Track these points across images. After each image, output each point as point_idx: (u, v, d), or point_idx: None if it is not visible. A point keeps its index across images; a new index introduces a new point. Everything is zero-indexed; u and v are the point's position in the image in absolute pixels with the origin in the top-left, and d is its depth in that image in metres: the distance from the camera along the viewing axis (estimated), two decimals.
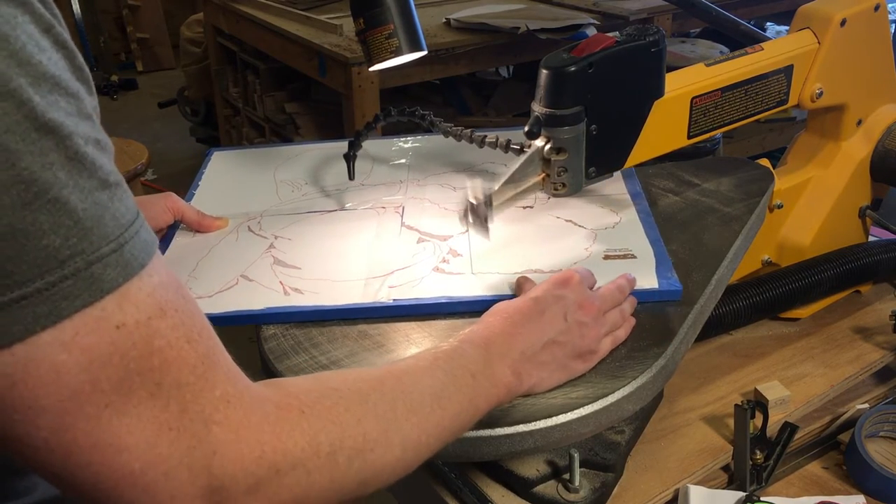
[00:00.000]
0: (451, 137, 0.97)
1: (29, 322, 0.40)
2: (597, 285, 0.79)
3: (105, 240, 0.42)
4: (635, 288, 0.80)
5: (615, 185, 1.00)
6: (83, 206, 0.41)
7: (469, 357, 0.65)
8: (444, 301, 0.81)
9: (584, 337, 0.72)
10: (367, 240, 0.94)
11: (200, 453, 0.45)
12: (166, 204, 0.96)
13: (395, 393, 0.57)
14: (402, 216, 0.99)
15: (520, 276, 0.81)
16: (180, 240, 0.97)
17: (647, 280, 0.81)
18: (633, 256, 0.86)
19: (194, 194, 1.09)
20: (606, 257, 0.86)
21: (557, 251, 0.88)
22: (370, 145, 1.19)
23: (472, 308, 0.80)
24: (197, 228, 0.98)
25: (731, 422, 0.84)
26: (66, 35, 0.44)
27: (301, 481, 0.49)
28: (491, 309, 0.73)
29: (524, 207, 0.98)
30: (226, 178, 1.14)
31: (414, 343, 0.78)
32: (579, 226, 0.93)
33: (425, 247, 0.91)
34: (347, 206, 1.03)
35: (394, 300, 0.81)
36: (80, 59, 0.45)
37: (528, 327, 0.69)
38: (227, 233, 0.98)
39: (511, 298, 0.75)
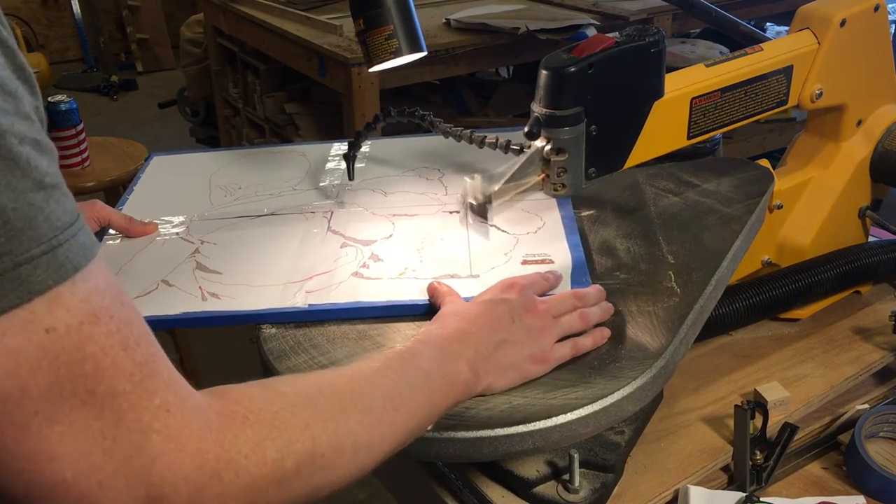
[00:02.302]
0: (450, 138, 0.97)
1: None
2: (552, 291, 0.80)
3: (36, 241, 0.41)
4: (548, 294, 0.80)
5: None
6: (13, 206, 0.40)
7: (423, 356, 0.65)
8: (357, 306, 0.82)
9: (534, 340, 0.72)
10: (292, 244, 0.94)
11: (138, 463, 0.44)
12: (91, 212, 0.96)
13: (344, 395, 0.57)
14: (329, 221, 0.99)
15: (432, 281, 0.82)
16: (107, 245, 0.97)
17: (562, 284, 0.82)
18: (551, 261, 0.86)
19: (128, 199, 1.09)
20: (524, 262, 0.86)
21: (477, 256, 0.89)
22: (313, 150, 1.21)
23: (386, 313, 0.81)
24: (125, 234, 0.98)
25: (730, 422, 0.84)
26: (7, 33, 0.43)
27: (246, 489, 0.48)
28: (443, 310, 0.74)
29: (451, 212, 0.99)
30: (162, 183, 1.14)
31: None
32: (502, 230, 0.93)
33: (348, 252, 0.92)
34: (277, 210, 1.03)
35: (309, 305, 0.82)
36: (22, 58, 0.44)
37: (480, 326, 0.70)
38: (154, 238, 0.98)
39: (426, 304, 0.78)
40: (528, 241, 0.91)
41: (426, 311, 0.81)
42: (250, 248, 0.94)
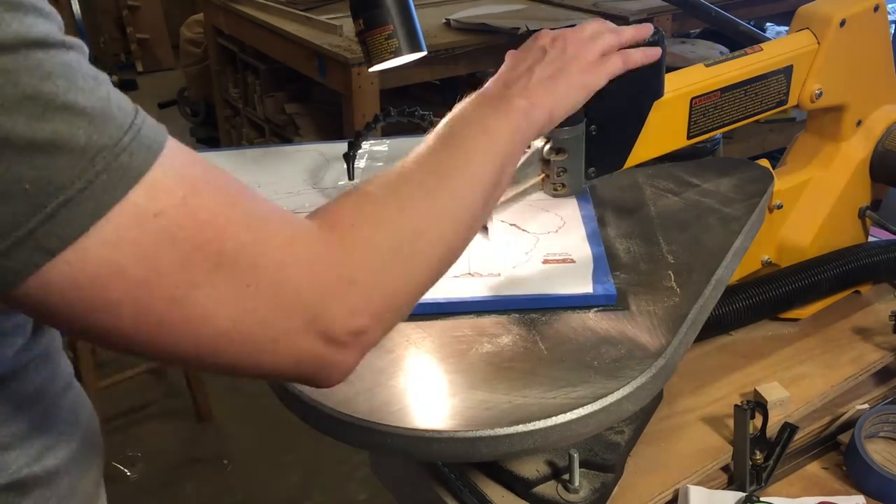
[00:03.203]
0: None
1: (81, 220, 0.41)
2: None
3: (121, 130, 0.43)
4: (570, 293, 0.81)
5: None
6: (90, 105, 0.42)
7: (470, 114, 0.67)
8: None
9: (579, 54, 0.73)
10: None
11: (285, 294, 0.48)
12: None
13: (419, 174, 0.59)
14: None
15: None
16: None
17: (583, 285, 0.82)
18: (572, 260, 0.87)
19: None
20: (545, 261, 0.87)
21: (497, 254, 0.89)
22: (329, 148, 1.21)
23: (430, 311, 0.81)
24: None
25: (730, 422, 0.84)
26: None
27: (382, 285, 0.53)
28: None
29: None
30: None
31: (413, 343, 0.78)
32: (522, 230, 0.93)
33: None
34: (297, 208, 1.02)
35: None
36: None
37: (515, 71, 0.71)
38: None
39: (450, 302, 0.79)
40: (548, 240, 0.91)
41: (447, 310, 0.81)
42: None
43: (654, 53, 0.78)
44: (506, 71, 0.72)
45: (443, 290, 0.82)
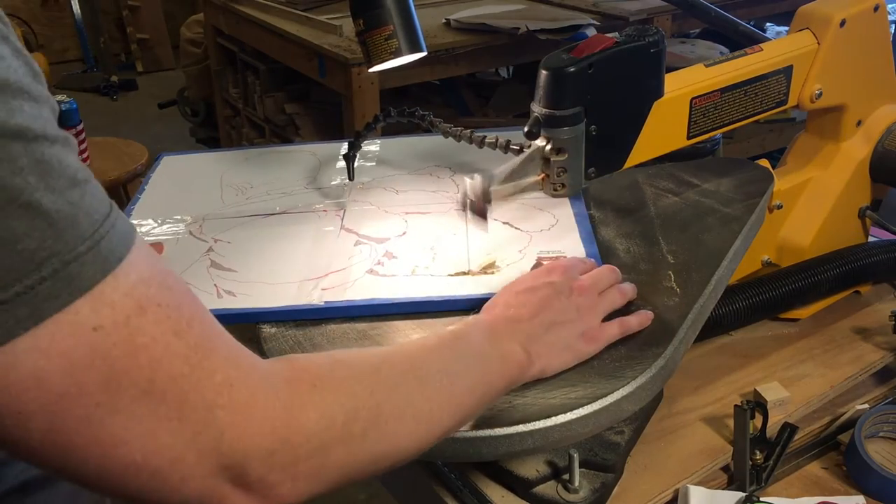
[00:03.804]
0: (450, 138, 0.97)
1: (11, 325, 0.40)
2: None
3: (80, 238, 0.42)
4: None
5: None
6: (56, 208, 0.41)
7: (475, 337, 0.66)
8: (374, 303, 0.82)
9: (584, 317, 0.73)
10: (305, 242, 0.94)
11: (207, 437, 0.46)
12: None
13: (404, 366, 0.58)
14: (342, 219, 0.99)
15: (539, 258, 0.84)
16: None
17: None
18: (565, 259, 0.86)
19: (139, 199, 1.09)
20: (539, 259, 0.87)
21: (491, 253, 0.89)
22: (323, 149, 1.21)
23: (401, 310, 0.82)
24: None
25: (730, 422, 0.84)
26: (19, 43, 0.44)
27: (317, 454, 0.50)
28: (489, 301, 0.75)
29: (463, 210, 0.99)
30: (173, 183, 1.14)
31: None
32: (516, 228, 0.93)
33: (362, 249, 0.92)
34: (290, 209, 1.03)
35: (325, 302, 0.82)
36: (36, 65, 0.45)
37: (528, 312, 0.71)
38: (168, 236, 0.98)
39: (442, 300, 0.79)
40: (541, 238, 0.91)
41: (442, 308, 0.81)
42: (264, 246, 0.94)
43: (647, 319, 0.77)
44: (516, 304, 0.72)
45: (436, 289, 0.83)
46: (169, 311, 0.45)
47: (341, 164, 1.15)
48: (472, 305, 0.81)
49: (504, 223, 0.94)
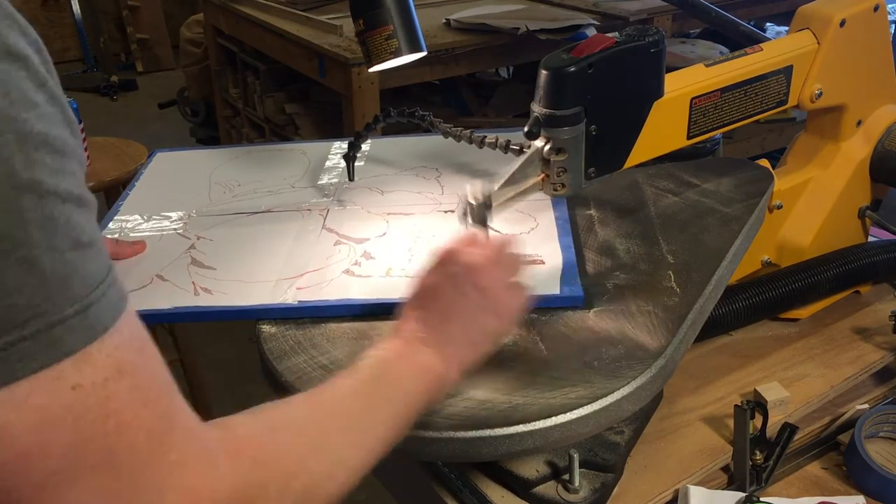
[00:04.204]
0: (450, 138, 0.97)
1: None
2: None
3: (70, 302, 0.41)
4: (538, 293, 0.79)
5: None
6: (52, 267, 0.40)
7: (392, 367, 0.65)
8: (345, 303, 0.82)
9: (490, 297, 0.70)
10: (286, 242, 0.95)
11: None
12: None
13: (329, 423, 0.58)
14: (325, 218, 1.00)
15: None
16: (105, 240, 0.98)
17: (551, 286, 0.83)
18: (542, 262, 0.87)
19: (129, 195, 1.09)
20: None
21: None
22: (313, 148, 1.21)
23: (375, 311, 0.82)
24: (113, 257, 0.97)
25: (730, 422, 0.84)
26: (59, 89, 0.44)
27: None
28: (400, 313, 0.73)
29: (445, 212, 0.99)
30: (163, 179, 1.15)
31: None
32: (495, 231, 0.93)
33: (341, 249, 0.92)
34: (274, 207, 1.04)
35: (299, 301, 0.82)
36: (70, 111, 0.44)
37: (435, 316, 0.69)
38: (153, 233, 0.99)
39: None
40: (520, 242, 0.91)
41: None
42: (245, 244, 0.95)
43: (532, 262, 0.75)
44: (421, 311, 0.70)
45: (347, 292, 0.83)
46: (143, 378, 0.45)
47: (330, 163, 1.16)
48: None
49: (490, 228, 0.94)
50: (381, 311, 0.82)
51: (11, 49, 0.40)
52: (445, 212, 0.99)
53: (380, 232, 0.95)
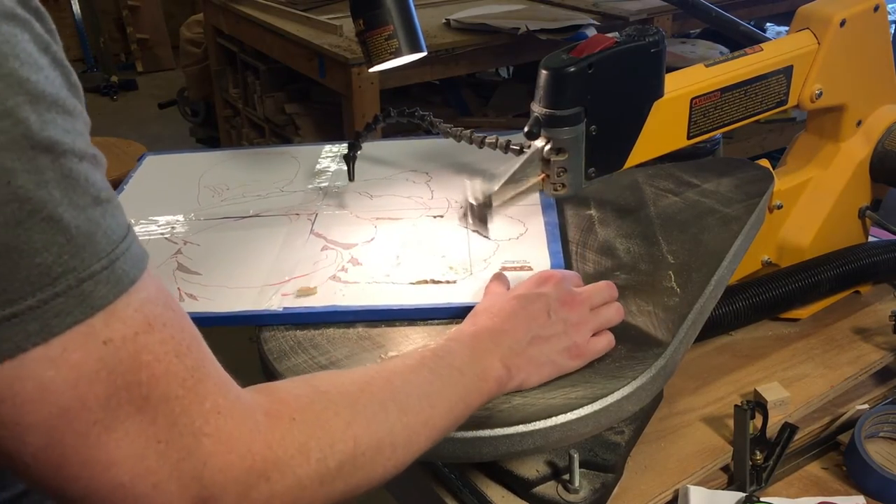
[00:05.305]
0: (450, 138, 0.97)
1: (20, 339, 0.40)
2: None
3: (96, 257, 0.42)
4: None
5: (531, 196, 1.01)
6: (76, 224, 0.41)
7: (457, 354, 0.65)
8: (332, 310, 0.81)
9: (570, 333, 0.72)
10: (274, 247, 0.94)
11: (190, 465, 0.46)
12: None
13: (384, 394, 0.58)
14: (312, 223, 0.99)
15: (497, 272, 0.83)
16: None
17: None
18: (530, 268, 0.86)
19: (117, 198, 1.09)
20: (503, 269, 0.86)
21: (456, 261, 0.88)
22: (305, 152, 1.20)
23: (360, 318, 0.81)
24: None
25: (730, 422, 0.84)
26: (62, 53, 0.45)
27: (291, 488, 0.50)
28: (475, 308, 0.75)
29: (434, 217, 0.99)
30: (152, 182, 1.14)
31: (413, 343, 0.78)
32: (483, 236, 0.93)
33: (328, 255, 0.91)
34: (262, 212, 1.03)
35: (284, 308, 0.82)
36: (75, 76, 0.45)
37: (513, 323, 0.70)
38: (139, 237, 0.98)
39: (399, 309, 0.79)
40: (508, 247, 0.91)
41: (398, 316, 0.81)
42: (232, 249, 0.94)
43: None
44: (503, 314, 0.71)
45: (396, 297, 0.83)
46: (173, 331, 0.46)
47: (320, 167, 1.15)
48: (428, 315, 0.81)
49: (473, 230, 0.94)
50: (366, 318, 0.81)
51: (9, 12, 0.41)
52: (434, 217, 0.99)
53: (368, 237, 0.95)
